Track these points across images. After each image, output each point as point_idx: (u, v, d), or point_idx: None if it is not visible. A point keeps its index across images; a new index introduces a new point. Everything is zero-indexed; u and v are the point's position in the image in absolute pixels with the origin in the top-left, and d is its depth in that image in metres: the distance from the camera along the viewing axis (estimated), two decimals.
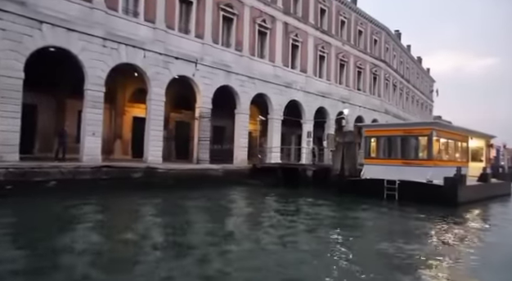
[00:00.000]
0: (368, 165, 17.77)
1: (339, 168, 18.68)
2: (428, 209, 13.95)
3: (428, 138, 15.96)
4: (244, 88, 23.20)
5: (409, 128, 16.48)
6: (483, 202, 17.13)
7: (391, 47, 41.54)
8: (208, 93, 21.00)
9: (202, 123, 20.71)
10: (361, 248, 8.13)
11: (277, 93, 25.68)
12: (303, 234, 9.37)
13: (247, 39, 23.49)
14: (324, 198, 16.79)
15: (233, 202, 15.10)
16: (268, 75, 24.99)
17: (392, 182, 16.17)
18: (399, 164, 16.55)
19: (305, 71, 28.48)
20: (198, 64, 20.32)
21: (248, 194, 17.53)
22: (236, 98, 23.05)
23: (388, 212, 13.85)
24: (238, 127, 23.31)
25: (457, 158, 18.52)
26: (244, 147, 23.39)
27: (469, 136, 19.82)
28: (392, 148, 17.14)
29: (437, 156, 16.58)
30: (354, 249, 7.98)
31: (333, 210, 13.94)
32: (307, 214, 12.73)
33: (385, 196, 16.34)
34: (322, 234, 9.67)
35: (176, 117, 24.25)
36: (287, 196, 17.22)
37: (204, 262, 6.49)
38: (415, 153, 16.57)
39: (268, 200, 16.23)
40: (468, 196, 15.85)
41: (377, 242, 8.68)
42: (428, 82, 61.23)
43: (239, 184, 19.95)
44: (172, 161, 22.76)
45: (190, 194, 15.53)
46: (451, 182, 14.94)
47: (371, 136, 17.94)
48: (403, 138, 16.77)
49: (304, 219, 11.59)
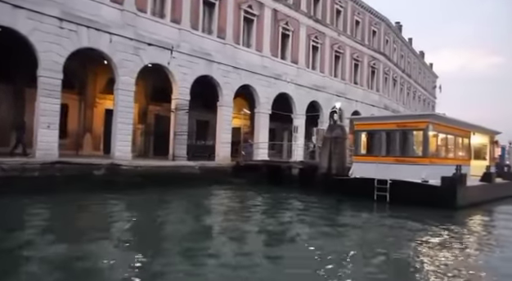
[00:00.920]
0: (358, 163, 15.98)
1: (326, 166, 16.92)
2: (422, 213, 12.17)
3: (423, 132, 14.14)
4: (227, 79, 21.44)
5: (403, 121, 14.65)
6: (486, 204, 15.31)
7: (391, 40, 39.58)
8: (186, 83, 19.26)
9: (178, 116, 18.99)
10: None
11: (265, 85, 23.90)
12: (257, 248, 7.63)
13: (231, 26, 21.70)
14: (307, 199, 15.07)
15: (197, 205, 13.35)
16: (255, 66, 23.21)
17: (384, 182, 14.39)
18: (391, 162, 14.75)
19: (296, 62, 26.66)
20: (174, 51, 18.57)
21: (221, 195, 15.81)
22: (219, 89, 21.30)
23: (373, 219, 12.03)
24: (220, 121, 21.57)
25: (457, 155, 16.67)
26: (227, 143, 21.66)
27: (471, 132, 17.96)
28: (384, 143, 15.33)
29: (433, 153, 14.76)
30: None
31: (311, 214, 12.16)
32: (275, 220, 11.00)
33: (375, 197, 14.58)
34: (287, 248, 7.92)
35: (155, 110, 22.57)
36: (264, 197, 15.50)
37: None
38: (409, 150, 14.76)
39: (238, 203, 14.52)
40: (469, 198, 14.04)
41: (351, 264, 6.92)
42: (430, 77, 59.15)
43: (218, 183, 18.27)
44: (150, 157, 21.14)
45: (155, 194, 13.83)
46: (449, 182, 13.14)
47: (362, 130, 16.14)
48: (396, 132, 14.95)
49: (266, 227, 9.85)
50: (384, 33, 37.53)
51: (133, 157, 20.44)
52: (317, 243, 8.00)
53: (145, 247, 7.00)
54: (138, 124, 21.92)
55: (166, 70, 18.63)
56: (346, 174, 16.10)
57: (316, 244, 7.90)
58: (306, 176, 18.24)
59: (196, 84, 20.75)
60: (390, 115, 15.98)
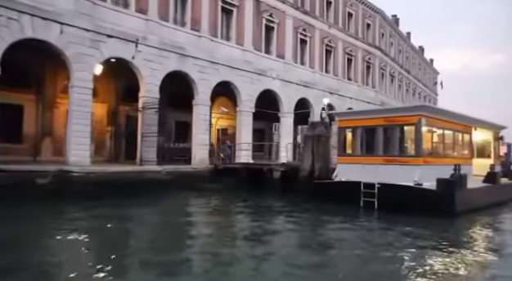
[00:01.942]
0: (342, 164, 14.07)
1: (309, 168, 15.02)
2: (413, 224, 10.26)
3: (415, 127, 12.21)
4: (203, 75, 19.60)
5: (391, 115, 12.71)
6: (491, 209, 13.33)
7: (387, 33, 37.63)
8: (155, 80, 17.45)
9: (146, 116, 17.17)
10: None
11: (247, 81, 22.05)
12: None
13: (206, 17, 19.88)
14: (284, 208, 13.21)
15: (144, 222, 11.47)
16: (236, 60, 21.37)
17: (371, 186, 12.49)
18: (379, 162, 12.83)
19: (283, 57, 24.79)
20: (139, 44, 16.77)
21: (184, 205, 13.95)
22: (194, 86, 19.46)
23: (353, 234, 10.08)
24: (196, 120, 19.73)
25: (456, 153, 14.72)
26: (204, 145, 19.81)
27: (473, 126, 15.99)
28: (371, 141, 13.41)
29: (428, 151, 12.84)
30: None
31: (279, 231, 10.27)
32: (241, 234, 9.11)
33: (362, 203, 12.67)
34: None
35: (126, 110, 20.73)
36: (236, 207, 13.66)
37: None
38: (399, 148, 12.82)
39: (195, 217, 12.62)
40: (470, 202, 12.08)
41: None
42: (431, 73, 57.06)
43: (191, 189, 16.43)
44: (121, 162, 19.34)
45: (104, 206, 11.95)
46: (445, 185, 11.20)
47: (345, 126, 14.22)
48: (384, 128, 13.03)
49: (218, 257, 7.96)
50: (380, 26, 35.60)
51: (102, 162, 18.74)
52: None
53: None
54: (107, 126, 20.15)
55: (131, 65, 16.82)
56: (330, 177, 14.19)
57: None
58: (288, 179, 16.33)
59: (175, 82, 19.08)
60: (376, 109, 13.96)
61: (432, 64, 57.98)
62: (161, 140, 22.73)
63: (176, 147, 22.03)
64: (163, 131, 23.33)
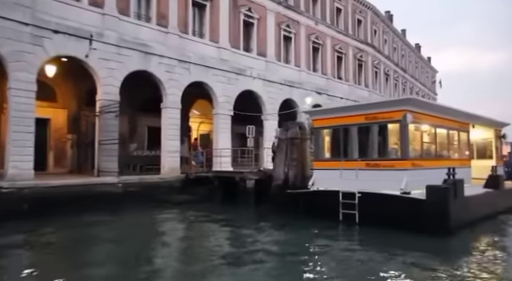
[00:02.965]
0: (319, 170, 12.14)
1: (282, 176, 13.11)
2: (398, 242, 8.36)
3: (400, 125, 10.28)
4: (172, 75, 17.77)
5: (372, 112, 10.78)
6: (494, 220, 11.37)
7: (380, 30, 35.80)
8: (114, 81, 15.63)
9: (104, 121, 15.33)
10: None
11: (224, 82, 20.21)
12: None
13: (175, 12, 18.10)
14: (252, 225, 11.32)
15: (72, 253, 9.59)
16: (210, 59, 19.55)
17: (351, 195, 10.56)
18: (360, 167, 10.89)
19: (264, 55, 22.97)
20: (94, 41, 14.99)
21: (135, 223, 12.04)
22: (161, 88, 17.64)
23: (325, 258, 8.14)
24: (165, 125, 17.87)
25: (451, 154, 12.77)
26: (174, 152, 17.92)
27: (471, 124, 14.04)
28: (351, 143, 11.48)
29: (416, 153, 10.90)
30: None
31: (235, 254, 8.36)
32: None
33: (341, 216, 10.74)
34: None
35: (91, 116, 18.84)
36: (192, 226, 11.78)
37: None
38: (382, 150, 10.88)
39: (143, 239, 10.73)
40: (468, 213, 10.13)
41: None
42: (429, 72, 55.12)
43: (156, 202, 14.59)
44: (85, 173, 17.44)
45: (27, 229, 10.05)
46: (437, 193, 9.26)
47: (322, 126, 12.29)
48: (365, 128, 11.10)
49: None
50: (372, 22, 33.79)
51: (62, 174, 16.91)
52: None
53: None
54: (68, 134, 18.30)
55: (85, 65, 15.03)
56: (306, 186, 12.26)
57: None
58: (263, 189, 14.41)
59: (147, 84, 17.43)
60: (356, 104, 12.00)
61: (430, 63, 56.08)
62: (132, 147, 21.02)
63: (148, 155, 20.15)
64: (135, 138, 21.59)
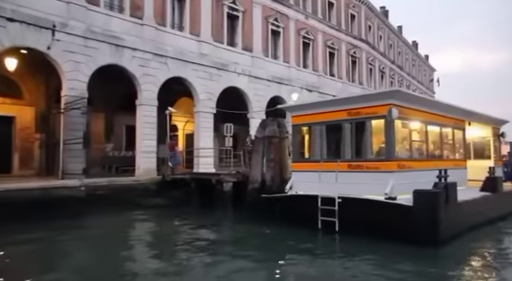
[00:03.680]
0: (298, 172, 10.94)
1: (259, 179, 11.92)
2: (382, 255, 7.17)
3: (385, 121, 9.09)
4: (147, 70, 16.59)
5: (355, 107, 9.59)
6: (491, 228, 10.19)
7: (375, 26, 34.63)
8: (81, 75, 14.44)
9: (69, 119, 14.14)
10: None
11: (205, 77, 19.02)
12: None
13: (151, 2, 16.91)
14: (221, 232, 10.13)
15: None
16: (190, 53, 18.37)
17: (330, 201, 9.37)
18: (342, 169, 9.70)
19: (250, 50, 21.78)
20: (57, 31, 13.80)
21: (93, 234, 10.77)
22: (136, 83, 16.46)
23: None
24: (140, 123, 16.69)
25: (444, 154, 11.56)
26: (150, 152, 16.73)
27: (466, 121, 12.86)
28: (332, 142, 10.29)
29: (404, 153, 9.71)
30: None
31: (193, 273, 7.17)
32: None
33: (320, 224, 9.56)
34: None
35: (58, 114, 17.64)
36: (168, 229, 10.56)
37: None
38: (366, 150, 9.68)
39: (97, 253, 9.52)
40: (461, 221, 8.96)
41: None
42: (427, 70, 53.96)
43: (128, 207, 13.41)
44: (52, 175, 16.23)
45: None
46: (425, 199, 8.07)
47: (301, 124, 11.08)
48: (347, 124, 9.90)
49: None
50: (366, 17, 32.62)
51: (28, 176, 15.72)
52: None
53: None
54: (35, 133, 17.10)
55: (47, 57, 13.84)
56: (284, 189, 11.07)
57: None
58: (241, 193, 13.23)
59: (127, 81, 16.34)
60: (337, 98, 10.75)
61: (427, 61, 54.92)
62: (109, 147, 19.85)
63: (125, 156, 18.99)
64: (112, 138, 20.42)
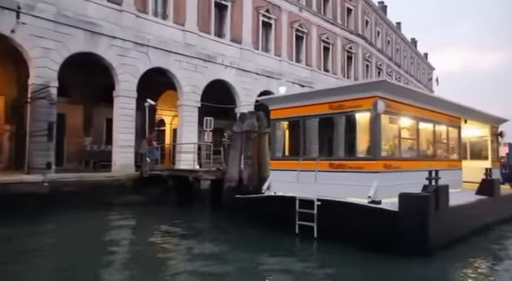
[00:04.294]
0: (276, 171, 9.98)
1: (237, 177, 10.97)
2: (363, 269, 6.22)
3: (370, 116, 8.11)
4: (126, 59, 15.60)
5: (338, 100, 8.61)
6: (485, 235, 9.25)
7: (372, 21, 33.63)
8: (49, 62, 13.44)
9: (37, 109, 13.14)
10: None
11: (189, 69, 18.02)
12: None
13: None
14: (191, 235, 9.18)
15: None
16: (174, 43, 17.37)
17: (309, 203, 8.41)
18: (322, 169, 8.73)
19: (239, 41, 20.77)
20: (23, 14, 12.79)
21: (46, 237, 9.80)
22: (113, 73, 15.47)
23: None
24: (117, 116, 15.70)
25: (437, 154, 10.61)
26: (128, 146, 15.76)
27: (462, 118, 11.90)
28: (311, 138, 9.34)
29: (391, 151, 8.75)
30: None
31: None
32: None
33: (297, 229, 8.61)
34: None
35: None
36: (131, 232, 9.59)
37: None
38: (348, 148, 8.72)
39: None
40: (453, 228, 8.01)
41: None
42: (426, 69, 52.99)
43: (99, 205, 12.49)
44: (22, 169, 15.24)
45: None
46: (412, 204, 7.11)
47: (280, 118, 10.11)
48: (329, 119, 8.94)
49: None
50: (363, 12, 31.60)
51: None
52: None
53: None
54: (5, 124, 16.11)
55: (11, 42, 12.83)
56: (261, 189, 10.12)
57: None
58: (219, 191, 12.27)
59: (104, 71, 15.38)
60: (319, 90, 9.67)
61: (426, 59, 53.93)
62: (87, 141, 18.88)
63: (104, 150, 17.99)
64: (91, 131, 19.44)
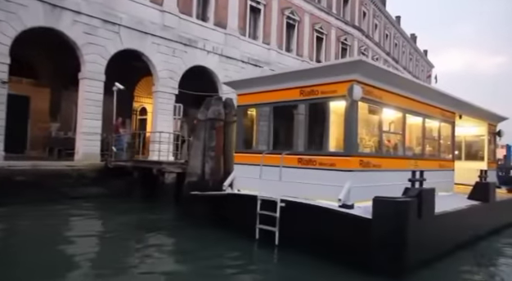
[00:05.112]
0: (240, 165, 8.69)
1: (199, 171, 9.70)
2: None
3: (347, 104, 6.79)
4: (93, 38, 14.23)
5: (310, 85, 7.30)
6: (477, 248, 8.02)
7: (370, 13, 32.22)
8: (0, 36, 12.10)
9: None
10: None
11: (167, 53, 16.67)
12: None
13: None
14: (141, 238, 7.93)
15: None
16: (150, 24, 16.01)
17: (271, 204, 7.15)
18: (291, 165, 7.46)
19: (224, 26, 19.40)
20: None
21: None
22: (79, 53, 14.11)
23: None
24: (82, 100, 14.37)
25: (426, 152, 9.33)
26: (93, 134, 14.46)
27: (457, 113, 10.61)
28: (281, 129, 8.06)
29: (369, 146, 7.47)
30: None
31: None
32: None
33: (257, 234, 7.37)
34: None
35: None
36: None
37: None
38: (320, 140, 7.45)
39: None
40: (439, 241, 6.76)
41: None
42: (425, 66, 51.65)
43: (47, 196, 11.27)
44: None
45: None
46: (388, 211, 5.83)
47: (248, 104, 8.80)
48: (300, 107, 7.65)
49: None
50: (360, 2, 30.18)
51: None
52: None
53: None
54: None
55: None
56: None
57: None
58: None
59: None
60: (288, 71, 8.19)
61: (426, 56, 52.57)
62: (54, 127, 17.55)
63: (71, 137, 16.64)
64: (59, 117, 18.07)
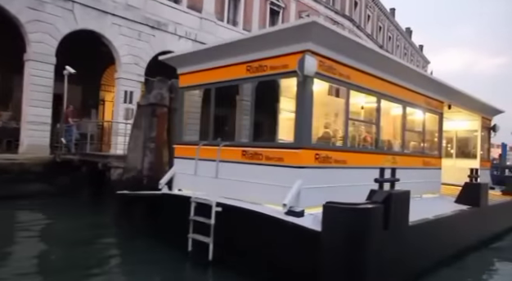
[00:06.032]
0: (180, 159, 7.16)
1: (139, 166, 8.18)
2: None
3: (298, 81, 5.23)
4: (40, 14, 12.66)
5: (257, 59, 5.69)
6: (465, 263, 6.58)
7: (362, 3, 30.69)
8: None
9: None
10: None
11: (131, 36, 15.10)
12: None
13: None
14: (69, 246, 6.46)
15: None
16: (111, 3, 14.44)
17: (206, 208, 5.63)
18: (231, 159, 5.94)
19: (199, 9, 17.84)
20: None
21: None
22: (23, 31, 12.51)
23: None
24: (28, 85, 12.79)
25: (406, 146, 7.79)
26: (41, 123, 12.91)
27: (445, 103, 9.09)
28: (224, 115, 6.55)
29: (327, 138, 5.97)
30: None
31: None
32: None
33: (190, 246, 5.86)
34: None
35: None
36: None
37: None
38: (267, 129, 5.94)
39: None
40: (414, 259, 5.29)
41: None
42: (420, 61, 50.24)
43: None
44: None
45: None
46: (343, 221, 4.33)
47: (190, 86, 7.22)
48: (246, 87, 6.12)
49: None
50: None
51: None
52: None
53: None
54: None
55: None
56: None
57: None
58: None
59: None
60: (232, 41, 6.45)
61: (421, 51, 51.15)
62: (5, 116, 15.93)
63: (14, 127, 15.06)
64: (10, 105, 16.43)
